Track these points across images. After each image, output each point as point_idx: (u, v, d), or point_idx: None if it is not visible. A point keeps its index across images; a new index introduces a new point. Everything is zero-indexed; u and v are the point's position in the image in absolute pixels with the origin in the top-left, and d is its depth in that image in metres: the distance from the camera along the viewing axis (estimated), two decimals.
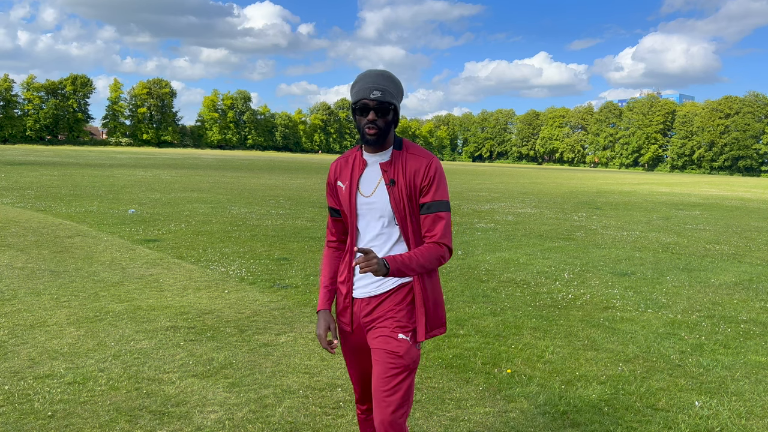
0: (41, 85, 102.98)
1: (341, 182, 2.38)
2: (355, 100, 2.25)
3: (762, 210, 21.17)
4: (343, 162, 2.42)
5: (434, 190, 2.25)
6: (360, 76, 2.27)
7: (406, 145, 2.34)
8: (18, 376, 3.94)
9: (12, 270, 7.00)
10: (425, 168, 2.26)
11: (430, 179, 2.25)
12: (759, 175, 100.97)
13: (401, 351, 2.25)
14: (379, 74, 2.25)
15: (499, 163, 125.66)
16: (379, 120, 2.23)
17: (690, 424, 3.60)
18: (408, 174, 2.26)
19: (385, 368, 2.25)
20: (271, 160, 65.64)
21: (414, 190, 2.27)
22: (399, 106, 2.30)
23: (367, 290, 2.36)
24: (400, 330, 2.28)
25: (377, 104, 2.21)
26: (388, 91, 2.23)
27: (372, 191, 2.31)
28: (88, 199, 15.14)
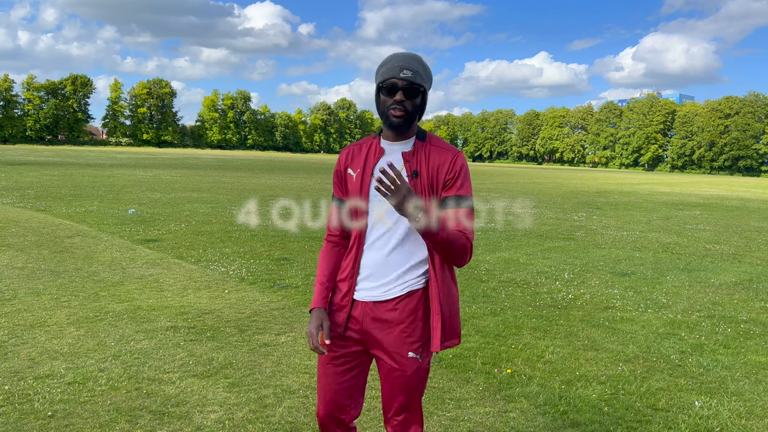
0: (41, 85, 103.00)
1: (352, 170, 2.19)
2: (382, 80, 2.08)
3: (762, 210, 21.17)
4: (356, 149, 2.23)
5: (459, 185, 2.09)
6: (389, 56, 2.11)
7: (429, 137, 2.18)
8: (18, 376, 3.94)
9: (12, 270, 7.00)
10: (451, 161, 2.10)
11: (456, 173, 2.09)
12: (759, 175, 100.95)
13: (410, 370, 2.13)
14: (411, 56, 2.10)
15: (499, 163, 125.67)
16: (407, 102, 2.06)
17: (690, 424, 3.60)
18: (432, 166, 2.10)
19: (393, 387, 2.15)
20: (271, 160, 65.65)
21: (437, 184, 2.09)
22: (428, 93, 2.14)
23: (373, 293, 2.15)
24: (410, 347, 2.12)
25: (407, 84, 2.05)
26: (419, 73, 2.07)
27: None
28: (88, 199, 15.15)
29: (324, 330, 2.16)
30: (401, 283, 2.14)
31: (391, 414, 2.20)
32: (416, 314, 2.13)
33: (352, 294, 2.20)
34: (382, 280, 2.14)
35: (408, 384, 2.14)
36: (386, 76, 2.07)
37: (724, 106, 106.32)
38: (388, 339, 2.13)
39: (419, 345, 2.14)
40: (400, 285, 2.14)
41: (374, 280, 2.15)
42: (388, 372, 2.15)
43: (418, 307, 2.14)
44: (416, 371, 2.13)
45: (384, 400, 2.22)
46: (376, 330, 2.15)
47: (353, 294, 2.19)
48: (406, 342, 2.12)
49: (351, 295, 2.20)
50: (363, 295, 2.17)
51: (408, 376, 2.13)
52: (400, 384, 2.14)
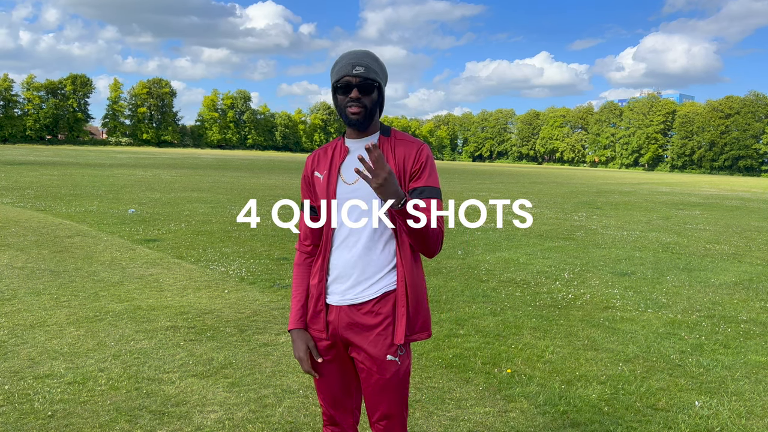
0: (41, 85, 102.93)
1: (319, 172, 2.18)
2: (336, 79, 2.06)
3: (762, 210, 21.17)
4: (321, 153, 2.22)
5: (426, 176, 2.06)
6: (341, 56, 2.10)
7: (393, 132, 2.16)
8: (18, 375, 3.94)
9: (12, 270, 7.00)
10: (416, 153, 2.08)
11: (422, 164, 2.07)
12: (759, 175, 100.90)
13: (388, 374, 2.09)
14: (363, 52, 2.09)
15: (499, 163, 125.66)
16: (363, 98, 2.04)
17: (690, 424, 3.60)
18: (398, 159, 2.08)
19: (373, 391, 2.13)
20: (271, 159, 65.65)
21: (404, 175, 2.07)
22: (384, 88, 2.13)
23: (345, 297, 2.11)
24: (388, 350, 2.09)
25: (360, 80, 2.02)
26: (372, 69, 2.05)
27: (357, 178, 2.09)
28: (88, 199, 15.14)
29: (312, 351, 2.17)
30: (374, 285, 2.10)
31: (374, 419, 2.18)
32: (392, 317, 2.09)
33: (324, 298, 2.16)
34: (352, 281, 2.10)
35: (388, 387, 2.11)
36: (339, 74, 2.05)
37: (724, 106, 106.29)
38: (365, 343, 2.10)
39: (396, 348, 2.10)
40: (373, 287, 2.10)
41: (344, 282, 2.11)
42: (367, 376, 2.12)
43: (392, 310, 2.10)
44: (395, 374, 2.10)
45: (366, 405, 2.19)
46: (352, 334, 2.11)
47: (325, 298, 2.16)
48: (384, 345, 2.08)
49: (323, 299, 2.16)
50: (336, 299, 2.13)
51: (387, 380, 2.10)
52: (380, 388, 2.11)
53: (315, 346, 2.17)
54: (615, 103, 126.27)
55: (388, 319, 2.09)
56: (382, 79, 2.11)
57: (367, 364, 2.11)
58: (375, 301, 2.09)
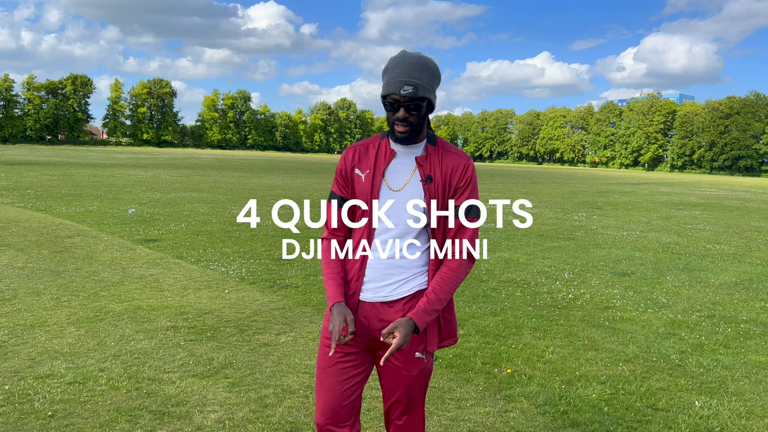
0: (41, 85, 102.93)
1: (360, 170, 2.14)
2: (385, 93, 2.03)
3: (762, 210, 21.17)
4: (362, 149, 2.18)
5: (470, 192, 2.12)
6: (393, 63, 2.03)
7: (440, 141, 2.15)
8: (18, 375, 3.94)
9: (12, 270, 7.00)
10: (463, 168, 2.11)
11: (467, 180, 2.11)
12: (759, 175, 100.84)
13: (415, 371, 2.14)
14: (414, 64, 2.00)
15: (499, 163, 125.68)
16: (410, 117, 2.03)
17: (690, 424, 3.60)
18: (445, 171, 2.09)
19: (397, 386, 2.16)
20: (271, 160, 65.65)
21: (449, 189, 2.10)
22: (435, 96, 2.08)
23: (378, 294, 2.13)
24: (416, 347, 2.13)
25: (408, 101, 1.99)
26: (422, 85, 1.99)
27: (403, 185, 2.10)
28: (88, 199, 15.14)
29: (349, 324, 2.06)
30: (407, 284, 2.13)
31: (394, 416, 2.21)
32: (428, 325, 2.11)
33: (358, 295, 2.16)
34: (388, 281, 2.13)
35: (412, 384, 2.15)
36: (388, 90, 2.01)
37: (724, 106, 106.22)
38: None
39: (424, 345, 2.14)
40: (406, 285, 2.13)
41: (380, 281, 2.13)
42: (393, 372, 2.14)
43: None
44: (421, 372, 2.14)
45: (386, 402, 2.22)
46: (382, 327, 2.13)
47: (359, 295, 2.16)
48: (413, 342, 2.11)
49: (357, 296, 2.16)
50: (369, 296, 2.15)
51: (413, 377, 2.14)
52: (405, 384, 2.14)
53: (353, 320, 2.07)
54: (615, 103, 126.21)
55: None
56: (433, 91, 2.06)
57: (395, 361, 2.13)
58: (407, 299, 2.12)
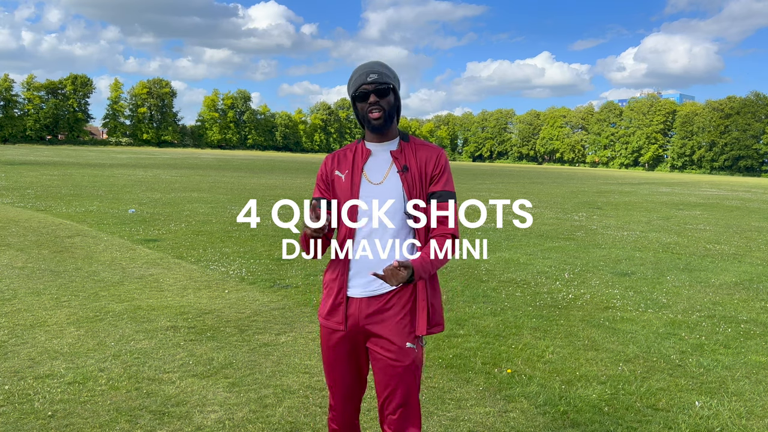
0: (41, 85, 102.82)
1: (339, 171, 2.30)
2: (354, 90, 2.23)
3: (762, 210, 21.17)
4: (341, 154, 2.34)
5: (445, 180, 2.26)
6: (354, 70, 2.28)
7: (412, 138, 2.33)
8: (18, 375, 3.94)
9: (12, 270, 7.00)
10: (436, 157, 2.26)
11: (442, 168, 2.26)
12: (759, 175, 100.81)
13: (407, 361, 2.21)
14: (373, 62, 2.27)
15: (499, 163, 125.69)
16: (382, 101, 2.20)
17: (690, 424, 3.60)
18: (420, 161, 2.24)
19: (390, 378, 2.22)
20: (271, 159, 65.65)
21: (425, 177, 2.24)
22: (398, 88, 2.27)
23: (368, 289, 2.23)
24: (407, 338, 2.22)
25: (375, 86, 2.19)
26: (384, 74, 2.22)
27: (382, 178, 2.24)
28: (88, 199, 15.14)
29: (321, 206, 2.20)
30: None
31: (388, 411, 2.26)
32: (408, 307, 2.23)
33: (345, 291, 2.26)
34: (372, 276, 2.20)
35: (406, 375, 2.22)
36: (356, 85, 2.21)
37: (724, 106, 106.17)
38: (385, 331, 2.22)
39: (413, 336, 2.23)
40: None
41: (365, 276, 2.23)
42: (386, 365, 2.22)
43: (409, 300, 2.24)
44: (413, 362, 2.22)
45: (381, 396, 2.27)
46: (373, 324, 2.23)
47: (346, 291, 2.26)
48: (403, 333, 2.21)
49: (344, 292, 2.26)
50: (357, 291, 2.25)
51: (406, 366, 2.21)
52: (398, 375, 2.21)
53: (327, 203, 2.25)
54: (615, 103, 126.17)
55: (406, 309, 2.23)
56: (396, 83, 2.26)
57: (386, 353, 2.21)
58: (394, 292, 2.23)
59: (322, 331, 2.35)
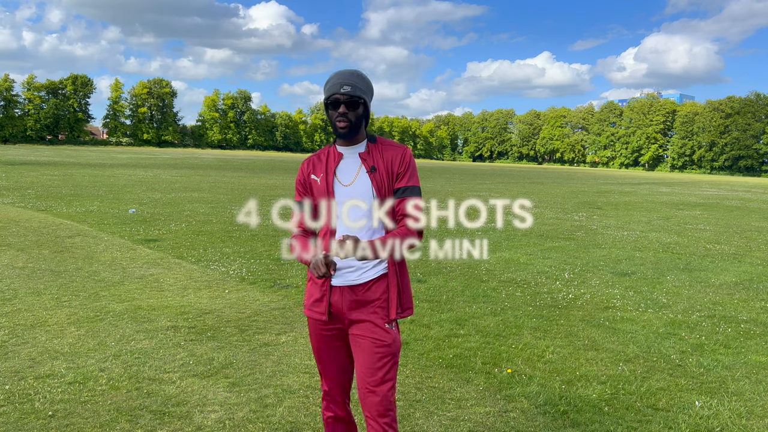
0: (42, 85, 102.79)
1: (315, 175, 2.49)
2: (327, 96, 2.39)
3: (762, 210, 21.16)
4: (315, 158, 2.54)
5: (409, 176, 2.43)
6: (332, 75, 2.43)
7: (379, 139, 2.51)
8: (19, 375, 3.94)
9: (12, 270, 7.01)
10: (401, 156, 2.44)
11: (406, 165, 2.43)
12: (759, 175, 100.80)
13: (389, 340, 2.40)
14: (350, 72, 2.41)
15: (499, 163, 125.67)
16: (350, 113, 2.37)
17: (690, 424, 3.60)
18: (386, 161, 2.42)
19: (375, 358, 2.39)
20: (271, 159, 65.65)
21: (392, 175, 2.42)
22: (369, 103, 2.44)
23: (349, 278, 2.42)
24: (385, 320, 2.42)
25: (347, 98, 2.35)
26: (358, 87, 2.37)
27: (352, 180, 2.42)
28: (88, 199, 15.15)
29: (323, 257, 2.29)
30: (371, 270, 2.42)
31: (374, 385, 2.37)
32: (385, 294, 2.44)
33: (328, 282, 2.45)
34: (352, 267, 2.41)
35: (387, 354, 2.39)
36: (329, 92, 2.38)
37: (725, 106, 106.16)
38: (367, 315, 2.41)
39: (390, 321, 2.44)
40: (370, 272, 2.42)
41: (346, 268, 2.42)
42: (370, 345, 2.39)
43: (389, 287, 2.45)
44: (393, 342, 2.42)
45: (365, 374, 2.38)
46: (355, 310, 2.43)
47: (330, 281, 2.45)
48: (382, 316, 2.42)
49: (328, 283, 2.45)
50: (339, 281, 2.43)
51: (387, 345, 2.40)
52: (381, 354, 2.38)
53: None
54: (615, 104, 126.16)
55: (383, 296, 2.44)
56: (368, 95, 2.43)
57: (369, 335, 2.40)
58: (372, 282, 2.43)
59: (309, 321, 2.54)
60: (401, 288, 2.48)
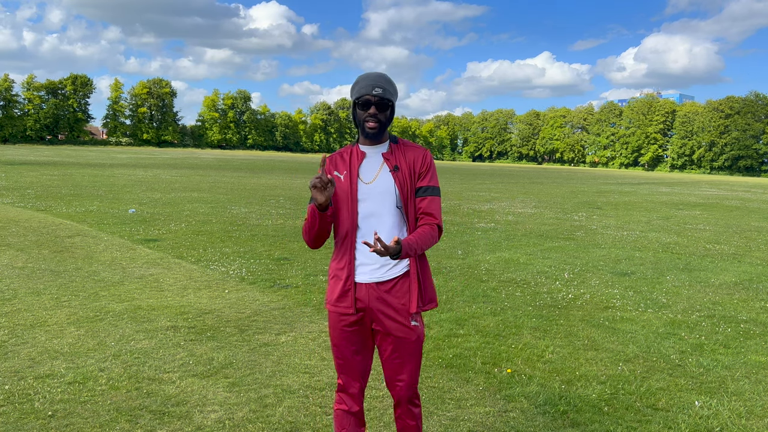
0: (41, 85, 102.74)
1: (338, 172, 2.55)
2: (357, 96, 2.47)
3: (762, 210, 21.17)
4: (338, 156, 2.60)
5: (430, 176, 2.55)
6: (362, 76, 2.52)
7: (400, 140, 2.61)
8: (18, 375, 3.94)
9: (12, 270, 7.01)
10: (422, 157, 2.55)
11: (428, 166, 2.55)
12: (759, 175, 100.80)
13: (413, 336, 2.52)
14: (380, 75, 2.52)
15: (499, 163, 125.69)
16: (380, 114, 2.47)
17: (690, 424, 3.60)
18: (408, 161, 2.53)
19: (401, 354, 2.53)
20: (271, 159, 65.65)
21: (414, 175, 2.52)
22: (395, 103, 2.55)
23: (374, 275, 2.50)
24: (410, 317, 2.51)
25: (378, 100, 2.45)
26: (388, 90, 2.48)
27: (373, 178, 2.51)
28: (88, 199, 15.15)
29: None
30: (395, 267, 2.50)
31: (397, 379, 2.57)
32: (411, 289, 2.52)
33: (353, 278, 2.51)
34: (378, 263, 2.49)
35: (412, 349, 2.54)
36: (360, 93, 2.46)
37: (724, 106, 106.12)
38: (392, 312, 2.50)
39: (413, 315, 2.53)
40: (395, 269, 2.50)
41: (369, 265, 2.50)
42: (395, 341, 2.52)
43: (412, 284, 2.52)
44: (418, 338, 2.54)
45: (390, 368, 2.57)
46: (382, 307, 2.50)
47: (354, 278, 2.51)
48: (408, 314, 2.51)
49: (352, 279, 2.51)
50: (365, 278, 2.51)
51: (412, 342, 2.53)
52: (407, 349, 2.53)
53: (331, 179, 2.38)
54: (615, 104, 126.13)
55: (408, 293, 2.52)
56: (395, 98, 2.55)
57: (394, 332, 2.51)
58: (397, 279, 2.51)
59: (330, 316, 2.59)
60: (422, 281, 2.56)
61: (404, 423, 2.66)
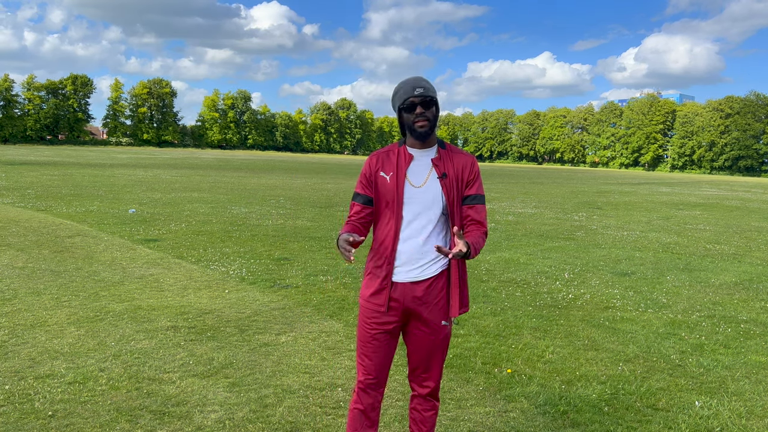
0: (41, 85, 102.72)
1: (384, 173, 2.58)
2: (401, 102, 2.52)
3: (762, 210, 21.16)
4: (384, 155, 2.63)
5: (478, 185, 2.62)
6: (400, 84, 2.58)
7: (448, 145, 2.67)
8: (18, 375, 3.94)
9: (12, 270, 7.01)
10: (471, 165, 2.61)
11: (475, 174, 2.62)
12: (759, 175, 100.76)
13: (442, 336, 2.63)
14: (417, 77, 2.58)
15: (499, 163, 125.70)
16: (427, 112, 2.51)
17: (690, 424, 3.60)
18: (456, 168, 2.58)
19: (430, 353, 2.63)
20: (271, 160, 65.66)
21: (461, 182, 2.58)
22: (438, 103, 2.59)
23: (411, 275, 2.55)
24: (443, 317, 2.60)
25: (422, 99, 2.50)
26: (429, 88, 2.53)
27: (423, 182, 2.55)
28: (88, 199, 15.15)
29: (348, 238, 2.38)
30: (432, 266, 2.56)
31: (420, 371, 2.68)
32: (444, 290, 2.59)
33: (390, 277, 2.57)
34: (416, 264, 2.54)
35: (440, 347, 2.65)
36: (404, 97, 2.51)
37: (724, 106, 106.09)
38: (426, 311, 2.57)
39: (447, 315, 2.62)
40: (431, 268, 2.56)
41: (410, 265, 2.55)
42: (424, 338, 2.61)
43: (445, 285, 2.59)
44: (446, 336, 2.65)
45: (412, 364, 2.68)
46: (416, 305, 2.57)
47: (392, 277, 2.57)
48: (441, 313, 2.60)
49: (390, 278, 2.57)
50: (401, 277, 2.56)
51: (441, 340, 2.63)
52: (435, 347, 2.63)
53: (357, 236, 2.43)
54: (615, 104, 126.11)
55: (442, 293, 2.59)
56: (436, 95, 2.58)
57: (425, 330, 2.60)
58: (433, 279, 2.57)
59: (361, 310, 2.66)
60: (462, 286, 2.62)
61: (420, 416, 2.73)
